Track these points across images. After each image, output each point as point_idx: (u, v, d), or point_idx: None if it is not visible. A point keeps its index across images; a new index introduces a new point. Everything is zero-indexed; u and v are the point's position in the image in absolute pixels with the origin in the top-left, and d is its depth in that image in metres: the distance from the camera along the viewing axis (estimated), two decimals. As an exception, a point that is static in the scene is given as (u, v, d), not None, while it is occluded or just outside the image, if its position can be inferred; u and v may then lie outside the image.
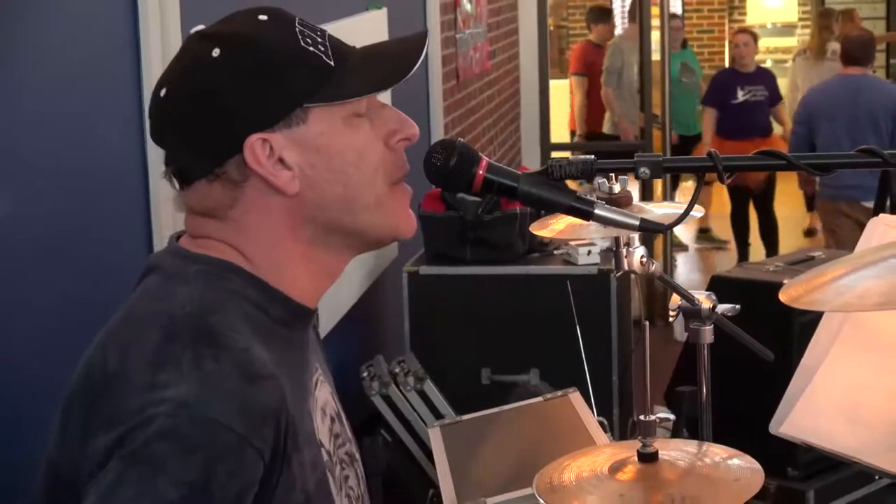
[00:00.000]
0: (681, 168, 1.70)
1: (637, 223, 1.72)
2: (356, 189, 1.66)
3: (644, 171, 1.64)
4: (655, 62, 8.88)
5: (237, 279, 1.64)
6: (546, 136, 8.45)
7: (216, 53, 1.63)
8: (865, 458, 2.10)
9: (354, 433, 1.88)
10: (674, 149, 9.33)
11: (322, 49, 1.65)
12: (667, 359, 4.56)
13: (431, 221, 4.57)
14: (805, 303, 1.37)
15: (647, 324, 2.38)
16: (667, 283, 2.54)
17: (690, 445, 2.18)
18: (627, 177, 2.06)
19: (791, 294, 1.39)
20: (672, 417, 2.31)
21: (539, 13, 8.38)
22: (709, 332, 2.35)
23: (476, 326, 4.53)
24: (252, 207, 1.65)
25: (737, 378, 2.69)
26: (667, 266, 8.40)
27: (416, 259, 4.66)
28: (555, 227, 2.33)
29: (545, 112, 8.48)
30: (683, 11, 14.86)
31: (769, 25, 15.11)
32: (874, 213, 2.58)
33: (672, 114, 9.08)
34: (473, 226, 4.56)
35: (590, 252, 4.51)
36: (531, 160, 8.16)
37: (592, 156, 1.71)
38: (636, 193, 2.34)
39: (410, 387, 4.19)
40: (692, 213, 1.80)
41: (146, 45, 2.62)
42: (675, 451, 2.10)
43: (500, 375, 4.48)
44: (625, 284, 4.70)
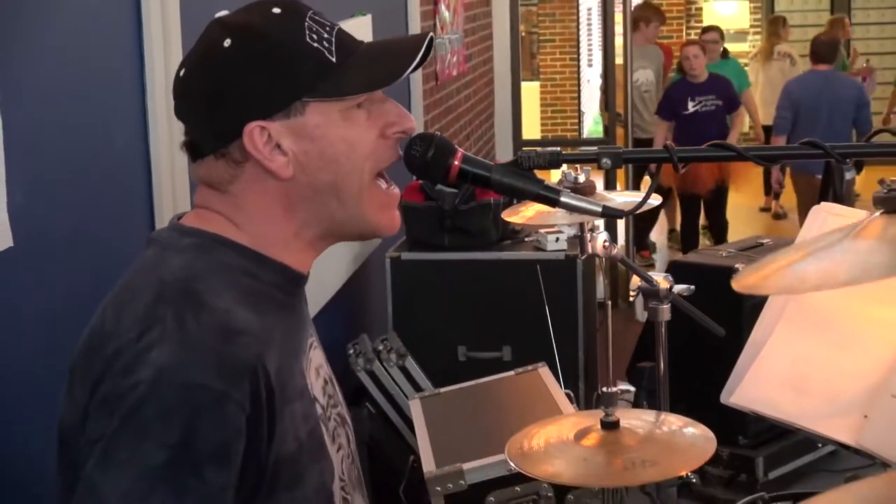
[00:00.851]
0: (639, 159, 1.71)
1: (599, 209, 1.73)
2: (344, 176, 1.67)
3: (606, 162, 1.64)
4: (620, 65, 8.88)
5: (227, 251, 1.66)
6: (518, 133, 8.45)
7: (227, 43, 1.64)
8: (808, 425, 2.11)
9: (341, 405, 1.89)
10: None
11: (327, 45, 1.66)
12: (628, 337, 4.55)
13: (412, 211, 4.57)
14: (758, 289, 1.38)
15: (610, 303, 2.39)
16: (627, 266, 2.56)
17: (649, 415, 2.20)
18: (591, 168, 2.08)
19: (744, 283, 1.40)
20: (632, 389, 2.32)
21: (511, 20, 8.37)
22: (666, 311, 2.37)
23: (453, 307, 4.54)
24: (250, 186, 1.67)
25: (691, 353, 2.69)
26: (628, 251, 8.40)
27: (398, 245, 4.67)
28: (525, 214, 2.34)
29: (517, 111, 8.48)
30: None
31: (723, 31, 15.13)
32: (818, 202, 2.58)
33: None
34: (451, 215, 4.55)
35: (558, 239, 4.51)
36: (504, 154, 8.14)
37: (559, 148, 1.72)
38: (601, 184, 2.35)
39: (393, 363, 4.19)
40: (650, 201, 1.81)
41: (149, 46, 2.61)
42: (636, 420, 2.11)
43: (475, 352, 4.48)
44: (590, 268, 4.71)
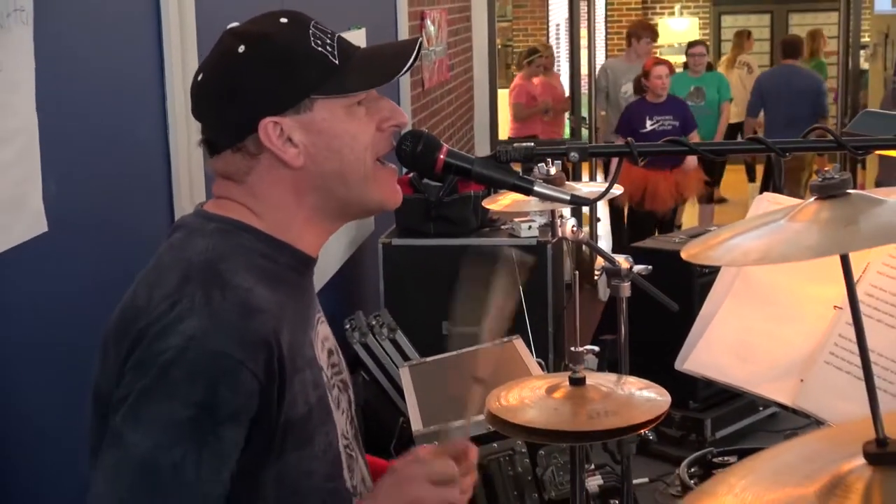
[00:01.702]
0: (603, 153, 1.72)
1: (568, 198, 1.74)
2: (349, 164, 1.68)
3: (574, 155, 1.65)
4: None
5: (247, 235, 1.66)
6: (494, 133, 8.46)
7: (241, 49, 1.65)
8: (752, 388, 2.12)
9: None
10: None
11: (330, 50, 1.67)
12: (592, 314, 4.56)
13: (403, 202, 4.57)
14: (702, 259, 1.39)
15: (577, 274, 2.40)
16: (592, 247, 2.57)
17: (611, 378, 2.20)
18: (561, 161, 2.08)
19: (690, 252, 1.40)
20: (597, 349, 2.33)
21: (489, 34, 8.37)
22: (627, 288, 2.37)
23: (438, 287, 4.51)
24: (265, 176, 1.67)
25: (649, 326, 2.69)
26: (592, 235, 8.37)
27: (389, 233, 4.67)
28: (502, 202, 2.35)
29: (493, 114, 8.49)
30: (606, 33, 14.86)
31: (676, 45, 15.16)
32: (760, 192, 2.59)
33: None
34: (435, 206, 4.56)
35: (530, 227, 4.52)
36: (482, 152, 8.14)
37: (532, 143, 1.73)
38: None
39: (384, 336, 4.19)
40: (612, 191, 1.82)
41: (168, 53, 2.61)
42: (600, 380, 2.12)
43: (457, 327, 4.49)
44: (558, 253, 4.71)
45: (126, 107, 2.48)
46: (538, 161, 1.76)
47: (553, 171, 2.14)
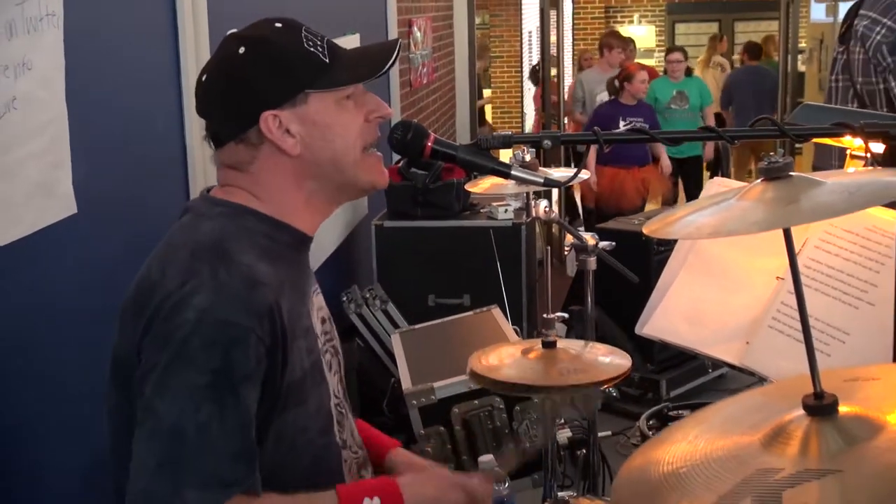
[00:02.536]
0: (572, 140, 1.71)
1: (542, 180, 1.73)
2: (341, 151, 1.68)
3: (547, 143, 1.64)
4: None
5: (250, 218, 1.66)
6: (474, 129, 8.42)
7: (242, 51, 1.64)
8: (704, 350, 2.12)
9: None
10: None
11: (321, 50, 1.66)
12: (561, 288, 4.57)
13: (392, 189, 4.57)
14: (661, 233, 1.39)
15: (549, 249, 2.40)
16: (562, 225, 2.57)
17: (579, 343, 2.20)
18: (535, 150, 2.08)
19: (651, 228, 1.40)
20: (566, 316, 2.33)
21: (469, 40, 8.35)
22: (593, 262, 2.37)
23: (424, 264, 4.54)
24: (266, 164, 1.66)
25: (612, 296, 2.70)
26: (561, 215, 8.30)
27: (381, 216, 4.66)
28: (483, 186, 2.35)
29: (473, 112, 8.47)
30: (574, 39, 14.83)
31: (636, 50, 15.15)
32: (711, 177, 2.59)
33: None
34: (422, 192, 4.55)
35: (506, 210, 4.53)
36: (464, 145, 8.15)
37: (510, 132, 1.72)
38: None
39: (377, 307, 4.19)
40: (580, 175, 1.82)
41: (183, 53, 2.60)
42: (569, 345, 2.12)
43: (442, 299, 4.49)
44: (531, 233, 4.72)
45: (146, 102, 2.47)
46: (515, 148, 1.76)
47: (528, 158, 2.14)
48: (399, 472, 1.79)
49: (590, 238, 2.35)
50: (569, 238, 2.42)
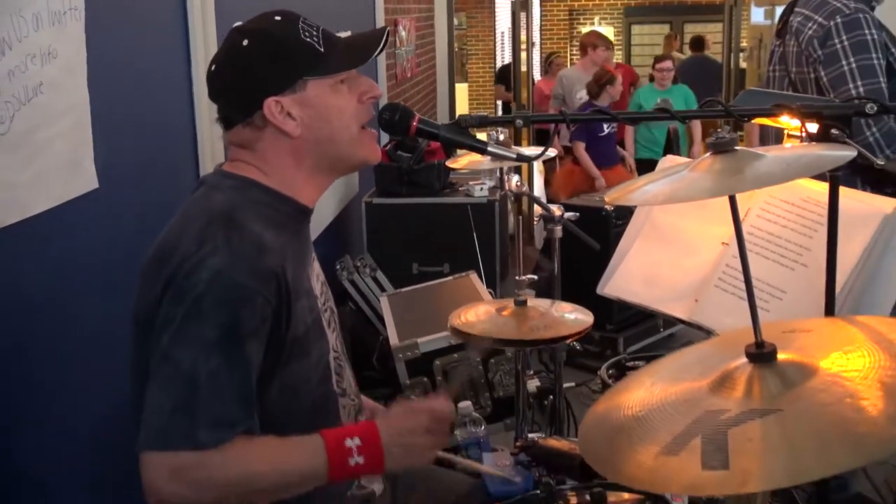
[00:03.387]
0: (542, 120, 1.70)
1: (515, 156, 1.72)
2: (337, 131, 1.66)
3: (519, 122, 1.64)
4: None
5: (257, 190, 1.64)
6: (452, 117, 8.38)
7: (245, 43, 1.62)
8: (657, 307, 2.12)
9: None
10: (638, 169, 7.20)
11: (317, 40, 1.64)
12: (530, 259, 4.60)
13: (380, 169, 4.56)
14: (622, 201, 1.38)
15: (521, 219, 2.39)
16: (531, 198, 2.55)
17: (547, 302, 2.21)
18: (508, 129, 2.07)
19: (613, 197, 1.40)
20: (536, 277, 2.32)
21: (448, 39, 8.32)
22: (559, 231, 2.37)
23: (409, 236, 4.54)
24: (270, 144, 1.65)
25: (576, 262, 2.70)
26: (530, 188, 8.27)
27: (371, 193, 4.65)
28: (461, 162, 2.34)
29: (452, 102, 8.46)
30: (541, 39, 14.78)
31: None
32: (662, 156, 2.59)
33: (636, 139, 7.46)
34: (407, 172, 4.54)
35: (482, 188, 4.52)
36: (444, 132, 8.12)
37: (486, 113, 1.71)
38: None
39: (367, 275, 4.18)
40: (547, 153, 1.81)
41: (193, 45, 2.57)
42: (538, 303, 2.13)
43: (425, 267, 4.49)
44: (504, 209, 4.72)
45: (160, 89, 2.45)
46: (491, 128, 1.74)
47: (502, 138, 2.12)
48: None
49: (556, 209, 2.35)
50: (538, 210, 2.41)
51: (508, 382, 2.64)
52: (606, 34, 15.34)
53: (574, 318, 2.05)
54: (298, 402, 1.64)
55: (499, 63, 13.18)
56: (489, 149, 1.68)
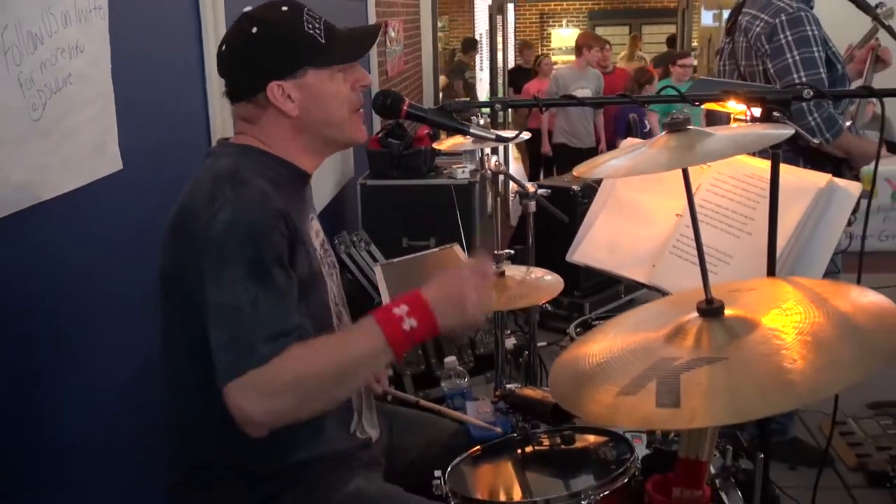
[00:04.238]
0: (518, 105, 1.70)
1: (494, 137, 1.73)
2: (331, 113, 1.66)
3: (497, 106, 1.64)
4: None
5: (258, 155, 1.65)
6: (437, 111, 8.39)
7: (254, 31, 1.61)
8: (619, 271, 2.13)
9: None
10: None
11: (318, 31, 1.64)
12: (507, 234, 4.61)
13: (374, 154, 4.54)
14: (589, 174, 1.39)
15: (499, 199, 2.39)
16: (508, 176, 2.55)
17: (523, 269, 2.21)
18: (489, 113, 2.07)
19: (581, 170, 1.41)
20: (512, 252, 2.33)
21: (433, 39, 8.29)
22: (533, 205, 2.38)
23: (399, 214, 4.53)
24: (271, 121, 1.65)
25: (547, 235, 2.71)
26: (507, 169, 8.17)
27: (365, 176, 4.63)
28: (447, 143, 2.33)
29: (436, 96, 8.41)
30: (515, 39, 14.71)
31: (563, 48, 15.09)
32: (623, 139, 2.59)
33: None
34: (397, 157, 4.52)
35: (463, 171, 4.51)
36: (429, 123, 8.08)
37: (468, 99, 1.71)
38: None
39: (362, 248, 4.17)
40: (521, 136, 1.81)
41: (205, 31, 2.55)
42: (515, 271, 2.13)
43: (413, 241, 4.48)
44: (483, 190, 4.71)
45: (176, 80, 2.44)
46: (473, 112, 1.74)
47: (482, 122, 2.12)
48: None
49: (530, 186, 2.35)
50: (514, 187, 2.41)
51: (489, 341, 2.66)
52: (572, 35, 15.42)
53: (547, 284, 2.06)
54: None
55: (478, 61, 13.12)
56: (471, 130, 1.68)
